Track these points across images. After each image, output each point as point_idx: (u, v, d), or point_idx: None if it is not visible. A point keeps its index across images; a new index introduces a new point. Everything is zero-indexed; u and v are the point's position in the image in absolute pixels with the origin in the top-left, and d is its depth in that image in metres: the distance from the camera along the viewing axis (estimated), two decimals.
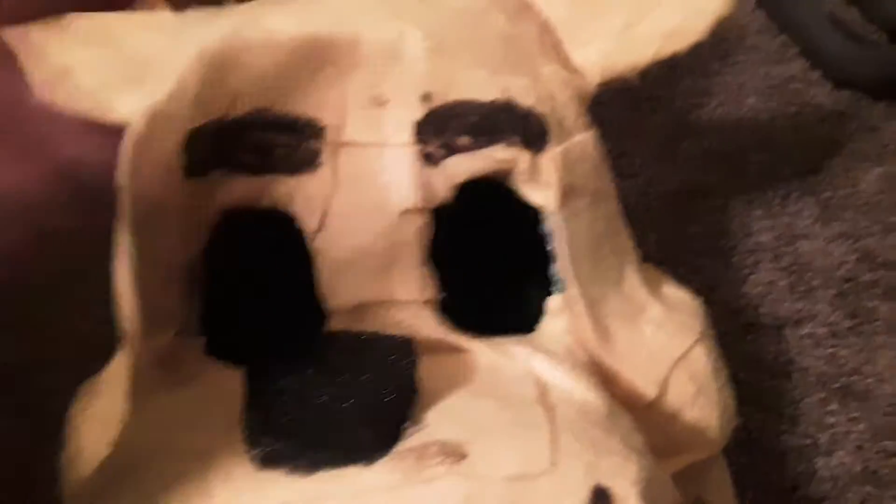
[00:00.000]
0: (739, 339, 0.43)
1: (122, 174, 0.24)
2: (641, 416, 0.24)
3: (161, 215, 0.23)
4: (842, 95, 0.58)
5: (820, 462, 0.37)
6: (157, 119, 0.23)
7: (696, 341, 0.27)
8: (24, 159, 0.32)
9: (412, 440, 0.19)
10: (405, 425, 0.19)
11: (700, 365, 0.27)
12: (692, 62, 0.64)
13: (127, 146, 0.24)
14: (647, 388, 0.25)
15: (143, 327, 0.24)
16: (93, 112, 0.30)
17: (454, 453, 0.19)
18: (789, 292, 0.45)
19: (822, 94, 0.59)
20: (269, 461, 0.19)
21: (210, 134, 0.23)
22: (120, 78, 0.29)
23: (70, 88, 0.30)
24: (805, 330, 0.43)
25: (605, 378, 0.24)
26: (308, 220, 0.23)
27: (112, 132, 0.26)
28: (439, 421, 0.20)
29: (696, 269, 0.47)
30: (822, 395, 0.40)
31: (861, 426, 0.38)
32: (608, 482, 0.19)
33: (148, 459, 0.21)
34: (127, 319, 0.26)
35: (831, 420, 0.38)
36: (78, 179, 0.31)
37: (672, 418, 0.26)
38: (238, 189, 0.23)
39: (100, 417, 0.28)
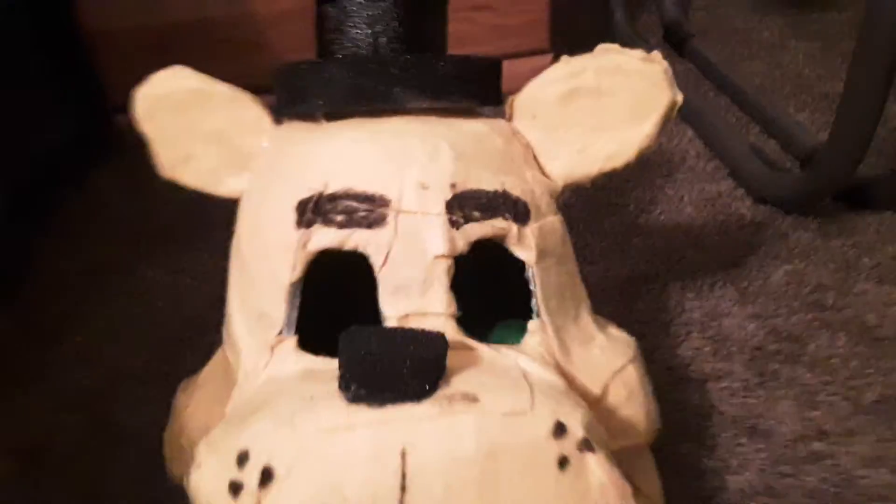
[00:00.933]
0: (672, 389, 0.53)
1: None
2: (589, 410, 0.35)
3: (282, 252, 0.35)
4: (760, 209, 0.72)
5: (730, 480, 0.47)
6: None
7: (629, 361, 0.38)
8: None
9: (444, 391, 0.30)
10: (439, 382, 0.30)
11: (631, 378, 0.38)
12: (642, 177, 0.78)
13: None
14: (594, 388, 0.36)
15: (260, 326, 0.35)
16: (205, 188, 0.42)
17: (471, 398, 0.30)
18: (712, 356, 0.56)
19: (744, 207, 0.73)
20: (356, 399, 0.30)
21: (314, 202, 0.35)
22: (229, 165, 0.41)
23: (190, 171, 0.42)
24: (723, 384, 0.54)
25: (565, 379, 0.35)
26: (377, 259, 0.34)
27: None
28: (459, 382, 0.31)
29: (640, 335, 0.59)
30: (735, 431, 0.50)
31: (763, 455, 0.48)
32: (565, 420, 0.30)
33: (266, 403, 0.31)
34: (237, 324, 0.37)
35: (741, 450, 0.49)
36: None
37: (611, 413, 0.37)
38: (332, 237, 0.34)
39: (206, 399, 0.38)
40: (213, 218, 0.77)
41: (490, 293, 0.39)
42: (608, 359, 0.38)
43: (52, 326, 0.65)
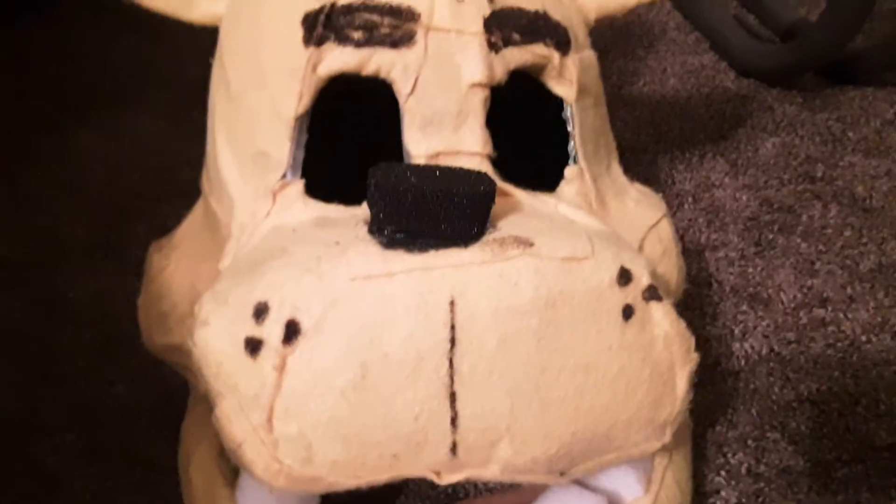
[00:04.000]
0: None
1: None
2: None
3: (284, 77, 0.29)
4: (744, 82, 0.69)
5: (736, 346, 0.46)
6: None
7: (663, 216, 0.35)
8: None
9: (493, 235, 0.26)
10: (488, 224, 0.26)
11: (665, 234, 0.35)
12: (623, 49, 0.74)
13: None
14: (631, 242, 0.33)
15: (257, 169, 0.29)
16: (175, 11, 0.35)
17: (525, 242, 0.26)
18: (706, 226, 0.55)
19: (728, 80, 0.70)
20: (392, 244, 0.25)
21: (325, 14, 0.29)
22: None
23: None
24: (720, 254, 0.52)
25: None
26: (403, 85, 0.29)
27: None
28: (509, 226, 0.27)
29: None
30: (735, 300, 0.49)
31: (766, 322, 0.47)
32: (629, 265, 0.26)
33: (281, 251, 0.26)
34: (227, 168, 0.31)
35: (743, 318, 0.47)
36: None
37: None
38: (347, 57, 0.29)
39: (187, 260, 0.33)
40: (155, 79, 0.69)
41: (528, 132, 0.34)
42: (643, 212, 0.35)
43: None
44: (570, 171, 0.32)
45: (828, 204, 0.56)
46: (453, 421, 0.25)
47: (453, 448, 0.25)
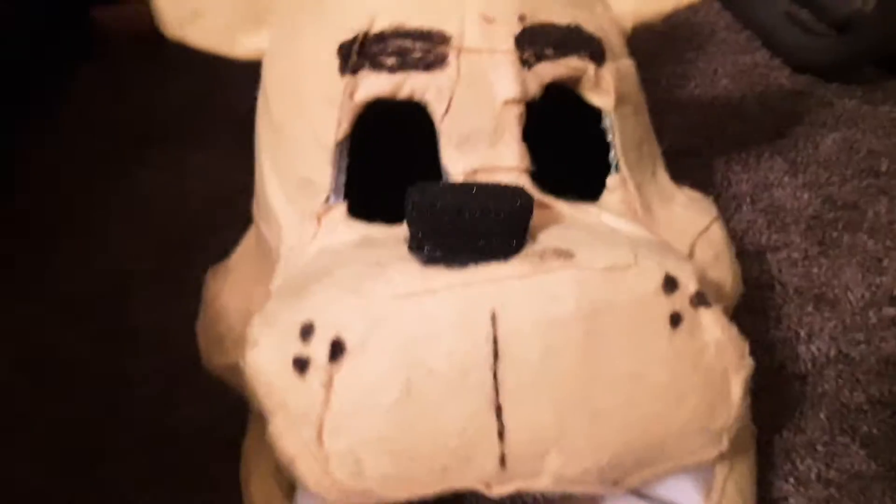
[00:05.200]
0: None
1: None
2: None
3: (323, 106, 0.30)
4: (800, 78, 0.68)
5: (802, 349, 0.44)
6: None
7: (713, 220, 0.35)
8: None
9: (532, 248, 0.26)
10: (527, 238, 0.26)
11: (717, 238, 0.34)
12: (672, 53, 0.73)
13: None
14: (680, 249, 0.33)
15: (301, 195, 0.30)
16: (219, 48, 0.36)
17: (565, 254, 0.26)
18: (767, 227, 0.53)
19: (783, 77, 0.68)
20: (431, 261, 0.25)
21: (359, 43, 0.30)
22: (244, 20, 0.36)
23: (200, 28, 0.36)
24: (782, 255, 0.51)
25: None
26: (438, 106, 0.29)
27: None
28: (548, 239, 0.27)
29: None
30: (800, 302, 0.47)
31: (832, 323, 0.45)
32: (675, 273, 0.26)
33: (325, 272, 0.27)
34: (274, 195, 0.32)
35: (808, 319, 0.46)
36: None
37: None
38: (382, 83, 0.29)
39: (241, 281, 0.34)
40: (212, 114, 0.72)
41: (567, 144, 0.34)
42: (692, 218, 0.34)
43: (46, 233, 0.60)
44: (612, 180, 0.32)
45: (894, 198, 0.54)
46: (500, 434, 0.25)
47: (502, 460, 0.25)
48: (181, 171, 0.67)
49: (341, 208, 0.30)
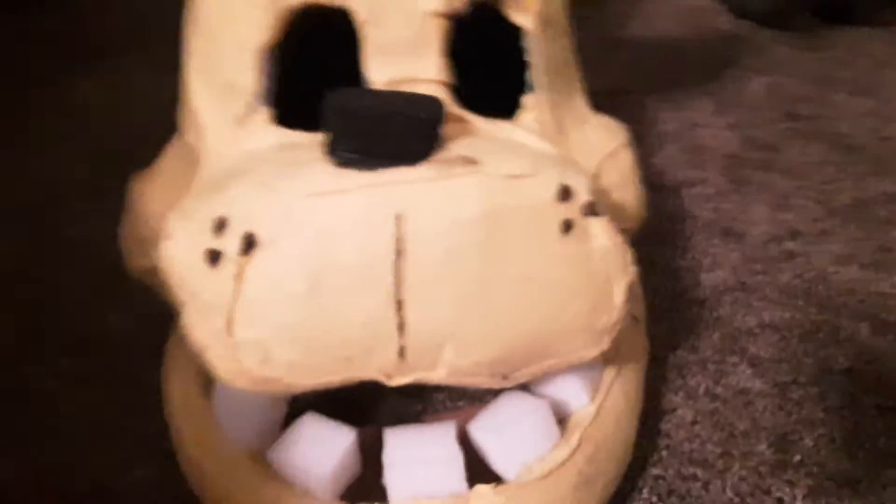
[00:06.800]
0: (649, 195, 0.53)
1: None
2: None
3: (248, 9, 0.31)
4: (738, 23, 0.70)
5: (704, 276, 0.47)
6: None
7: (621, 145, 0.37)
8: None
9: (440, 155, 0.27)
10: (436, 146, 0.28)
11: (624, 162, 0.36)
12: None
13: None
14: (588, 169, 0.35)
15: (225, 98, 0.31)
16: None
17: (471, 162, 0.27)
18: (686, 164, 0.56)
19: (722, 22, 0.70)
20: (345, 163, 0.27)
21: None
22: None
23: None
24: (697, 190, 0.53)
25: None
26: (361, 13, 0.30)
27: None
28: (457, 147, 0.28)
29: None
30: (707, 234, 0.50)
31: (736, 254, 0.48)
32: (570, 183, 0.28)
33: (243, 171, 0.28)
34: (198, 98, 0.33)
35: (714, 250, 0.49)
36: None
37: (603, 195, 0.35)
38: None
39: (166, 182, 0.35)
40: (158, 30, 0.71)
41: (487, 61, 0.35)
42: (601, 140, 0.36)
43: None
44: (527, 99, 0.33)
45: (810, 141, 0.57)
46: (400, 327, 0.26)
47: (401, 352, 0.27)
48: (122, 84, 0.67)
49: (266, 113, 0.31)
